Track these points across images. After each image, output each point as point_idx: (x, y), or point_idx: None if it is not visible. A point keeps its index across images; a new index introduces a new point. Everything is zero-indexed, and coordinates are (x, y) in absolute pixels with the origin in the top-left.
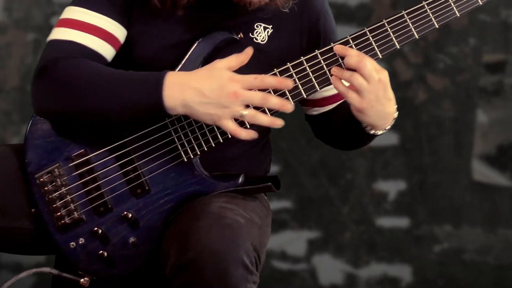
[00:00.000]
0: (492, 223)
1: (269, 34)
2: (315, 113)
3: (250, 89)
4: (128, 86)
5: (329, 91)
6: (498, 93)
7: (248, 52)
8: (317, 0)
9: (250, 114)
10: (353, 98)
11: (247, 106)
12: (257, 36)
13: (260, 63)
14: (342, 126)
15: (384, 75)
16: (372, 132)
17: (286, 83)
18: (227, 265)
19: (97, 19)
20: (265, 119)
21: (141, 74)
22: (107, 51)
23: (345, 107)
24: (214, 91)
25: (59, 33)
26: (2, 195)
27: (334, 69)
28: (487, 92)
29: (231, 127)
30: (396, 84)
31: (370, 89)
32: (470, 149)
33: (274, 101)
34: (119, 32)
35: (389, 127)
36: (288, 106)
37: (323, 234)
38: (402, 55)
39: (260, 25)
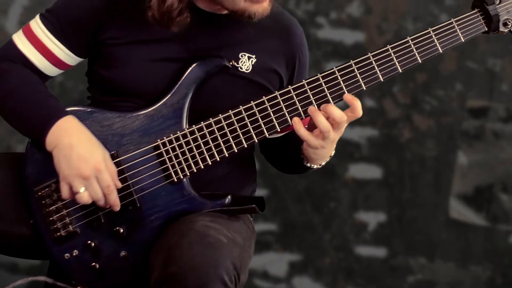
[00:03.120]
0: (464, 259)
1: (253, 63)
2: (269, 136)
3: (103, 184)
4: (29, 114)
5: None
6: (479, 137)
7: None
8: (297, 35)
9: (82, 195)
10: (314, 139)
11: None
12: (242, 65)
13: (245, 92)
14: (285, 153)
15: (344, 127)
16: (308, 165)
17: (114, 207)
18: (207, 281)
19: (52, 44)
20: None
21: (42, 110)
22: (51, 70)
23: (291, 138)
24: (80, 156)
25: (21, 41)
26: (2, 200)
27: (311, 108)
28: (469, 135)
29: (64, 190)
30: (384, 122)
31: (335, 136)
32: (449, 188)
33: (113, 198)
34: (69, 58)
35: (323, 163)
36: (115, 208)
37: (304, 258)
38: (391, 95)
39: (245, 55)
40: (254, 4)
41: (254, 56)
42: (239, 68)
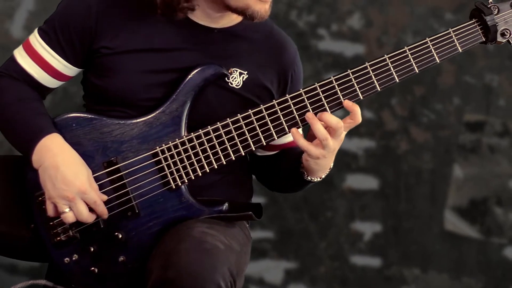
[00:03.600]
0: (457, 271)
1: (244, 79)
2: (259, 154)
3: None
4: (18, 131)
5: (281, 141)
6: (475, 151)
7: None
8: (291, 52)
9: (67, 215)
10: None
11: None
12: (232, 81)
13: (234, 105)
14: (281, 170)
15: (344, 134)
16: (309, 178)
17: (103, 216)
18: (203, 287)
19: (50, 57)
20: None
21: (29, 128)
22: (51, 83)
23: (289, 153)
24: (64, 178)
25: (22, 57)
26: (3, 201)
27: (309, 115)
28: (465, 149)
29: (50, 209)
30: (381, 133)
31: (335, 145)
32: (444, 200)
33: (100, 210)
34: (67, 70)
35: (323, 176)
36: (104, 216)
37: (300, 266)
38: (389, 107)
39: (236, 70)
40: (259, 3)
41: (246, 72)
42: (230, 83)
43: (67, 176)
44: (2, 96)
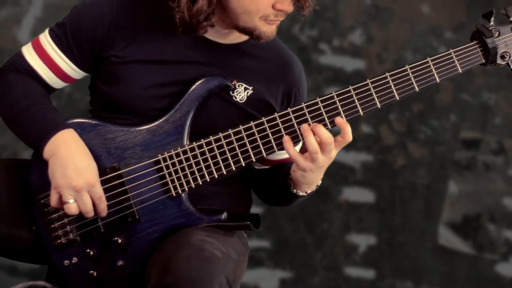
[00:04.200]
0: (449, 285)
1: (248, 94)
2: (256, 167)
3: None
4: (31, 123)
5: (277, 156)
6: (470, 168)
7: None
8: (296, 71)
9: (70, 206)
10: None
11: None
12: (237, 95)
13: (236, 119)
14: (272, 181)
15: (335, 153)
16: (294, 191)
17: (102, 213)
18: None
19: (59, 59)
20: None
21: (44, 121)
22: (57, 83)
23: (283, 167)
24: (76, 168)
25: (30, 54)
26: (5, 203)
27: (304, 126)
28: (461, 165)
29: (54, 199)
30: (379, 148)
31: (324, 161)
32: (438, 215)
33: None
34: (75, 73)
35: (310, 192)
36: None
37: (295, 275)
38: (387, 122)
39: (242, 85)
40: (266, 24)
41: (251, 88)
42: (234, 97)
43: (79, 167)
44: (11, 90)
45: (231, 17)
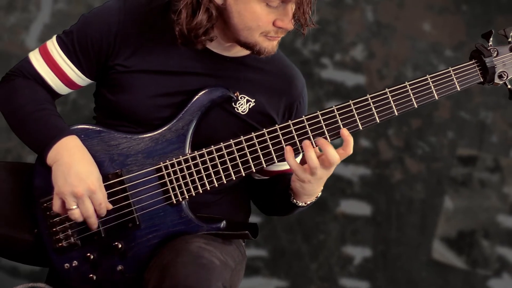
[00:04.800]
0: None
1: (250, 106)
2: (256, 178)
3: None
4: (36, 128)
5: (277, 167)
6: (466, 185)
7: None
8: (298, 85)
9: (74, 212)
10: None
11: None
12: (239, 106)
13: (237, 130)
14: (273, 191)
15: (333, 168)
16: (294, 201)
17: (100, 215)
18: None
19: (65, 65)
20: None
21: (48, 126)
22: (62, 89)
23: (283, 178)
24: (78, 175)
25: (36, 59)
26: (8, 206)
27: (306, 142)
28: (457, 182)
29: (57, 205)
30: (377, 162)
31: (323, 174)
32: (433, 230)
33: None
34: (80, 80)
35: (310, 203)
36: (93, 227)
37: (291, 285)
38: (386, 137)
39: (244, 97)
40: (267, 40)
41: (253, 100)
42: (236, 108)
43: (80, 174)
44: (17, 95)
45: (232, 31)
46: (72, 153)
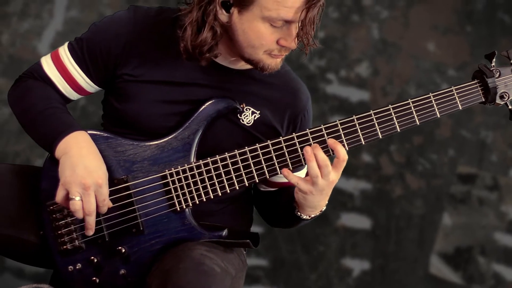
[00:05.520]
0: None
1: (255, 118)
2: (262, 189)
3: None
4: (45, 125)
5: (282, 179)
6: (465, 202)
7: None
8: (303, 99)
9: (75, 202)
10: (303, 183)
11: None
12: (244, 118)
13: (242, 141)
14: (278, 203)
15: (337, 179)
16: (298, 214)
17: (101, 212)
18: None
19: (75, 72)
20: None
21: (59, 121)
22: (71, 95)
23: (288, 190)
24: (86, 168)
25: (47, 64)
26: (15, 207)
27: (308, 149)
28: (456, 199)
29: (60, 195)
30: (378, 177)
31: (324, 185)
32: (431, 245)
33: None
34: (89, 87)
35: (314, 216)
36: (89, 232)
37: None
38: (387, 153)
39: (249, 109)
40: (271, 58)
41: (258, 112)
42: (241, 120)
43: (89, 166)
44: (29, 94)
45: (237, 48)
46: (81, 146)
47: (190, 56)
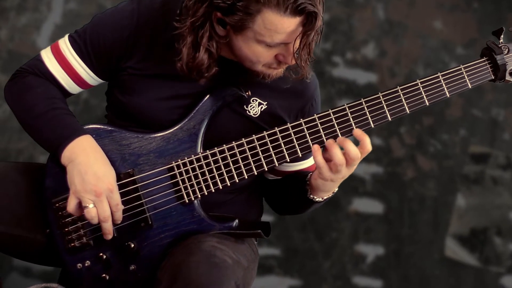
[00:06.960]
0: None
1: (262, 109)
2: (270, 178)
3: (113, 202)
4: (47, 128)
5: (290, 167)
6: (478, 182)
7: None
8: (311, 87)
9: (90, 210)
10: (327, 170)
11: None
12: (250, 109)
13: (248, 131)
14: (287, 189)
15: (355, 166)
16: (311, 196)
17: (117, 221)
18: None
19: (77, 65)
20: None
21: (62, 126)
22: (73, 88)
23: (296, 177)
24: (95, 174)
25: (48, 58)
26: (21, 206)
27: (330, 140)
28: (469, 179)
29: (72, 204)
30: (389, 160)
31: (346, 173)
32: (446, 227)
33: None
34: (91, 79)
35: (326, 198)
36: (108, 236)
37: (304, 283)
38: (398, 135)
39: (256, 100)
40: (270, 69)
41: (265, 103)
42: (248, 111)
43: (98, 173)
44: (29, 93)
45: (236, 57)
46: (87, 153)
47: (187, 76)
